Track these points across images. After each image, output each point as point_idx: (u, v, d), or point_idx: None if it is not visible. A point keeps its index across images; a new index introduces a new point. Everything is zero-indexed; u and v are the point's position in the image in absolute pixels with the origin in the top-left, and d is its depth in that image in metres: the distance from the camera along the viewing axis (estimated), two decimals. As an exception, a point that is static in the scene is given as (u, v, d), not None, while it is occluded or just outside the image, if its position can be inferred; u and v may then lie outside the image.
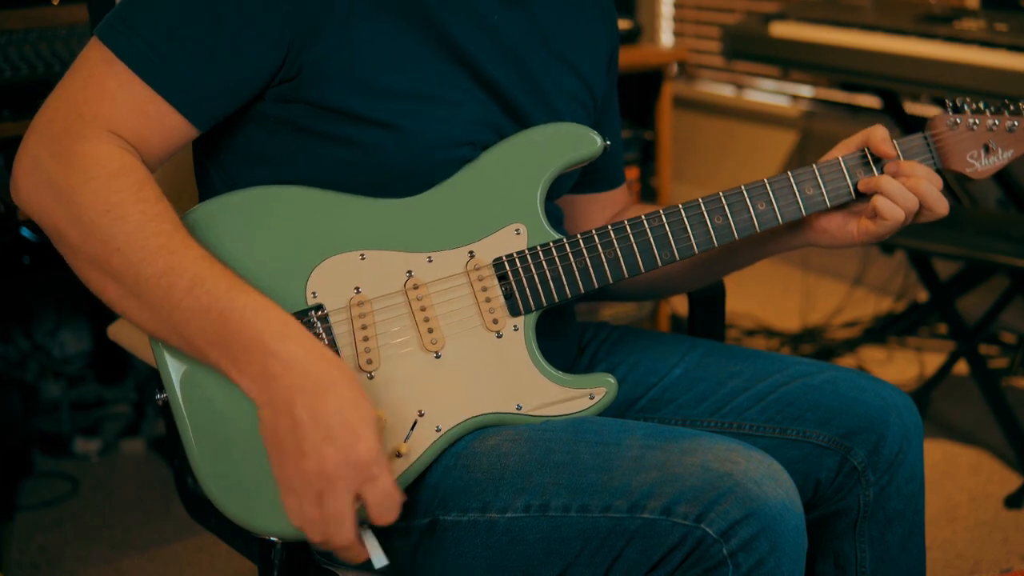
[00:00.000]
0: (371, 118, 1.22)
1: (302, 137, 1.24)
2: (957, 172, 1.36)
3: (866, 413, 1.35)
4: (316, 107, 1.22)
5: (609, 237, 1.28)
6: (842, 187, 1.33)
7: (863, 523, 1.36)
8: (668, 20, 4.31)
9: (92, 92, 1.16)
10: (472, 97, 1.28)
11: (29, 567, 2.30)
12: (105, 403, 2.90)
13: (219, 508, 1.21)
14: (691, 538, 1.12)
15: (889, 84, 2.79)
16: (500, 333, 1.25)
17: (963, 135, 1.35)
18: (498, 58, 1.30)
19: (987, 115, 1.35)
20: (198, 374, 1.20)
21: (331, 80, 1.21)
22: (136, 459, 2.73)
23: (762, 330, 3.39)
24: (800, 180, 1.32)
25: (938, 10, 2.91)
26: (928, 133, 1.35)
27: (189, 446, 1.20)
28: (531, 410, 1.26)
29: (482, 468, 1.22)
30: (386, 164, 1.24)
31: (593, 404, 1.27)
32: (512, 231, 1.27)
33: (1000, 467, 2.61)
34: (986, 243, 2.51)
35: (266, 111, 1.24)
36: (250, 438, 1.20)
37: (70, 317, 2.93)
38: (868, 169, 1.33)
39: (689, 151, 4.27)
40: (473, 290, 1.25)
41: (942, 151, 1.35)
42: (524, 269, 1.26)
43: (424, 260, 1.25)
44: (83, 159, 1.14)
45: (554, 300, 1.27)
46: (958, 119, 1.35)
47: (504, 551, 1.20)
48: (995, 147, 1.35)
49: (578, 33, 1.40)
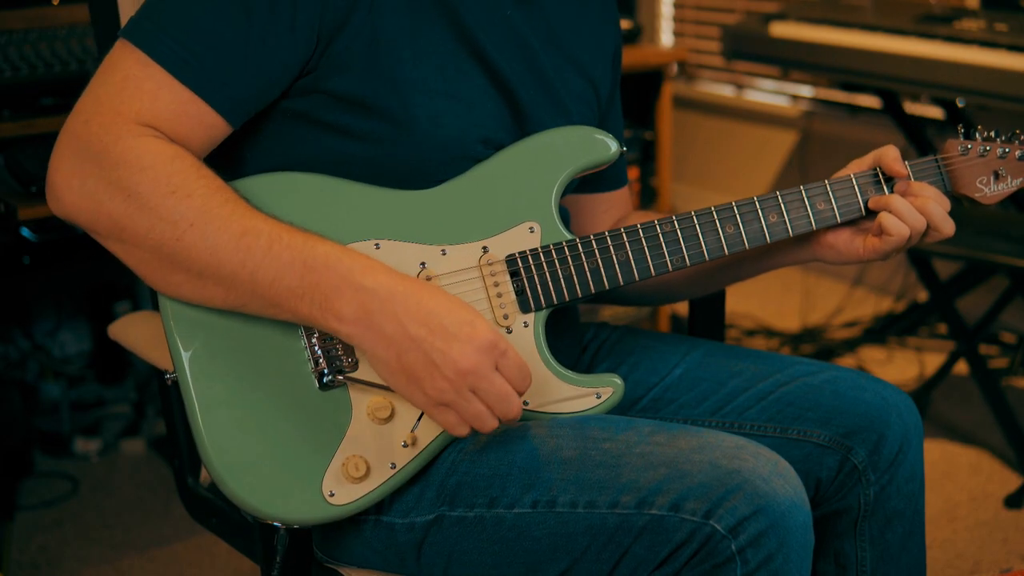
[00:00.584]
0: (387, 111, 1.23)
1: (317, 130, 1.24)
2: (967, 196, 1.39)
3: (866, 413, 1.35)
4: (334, 97, 1.23)
5: (621, 239, 1.28)
6: (853, 203, 1.34)
7: (863, 522, 1.37)
8: (668, 20, 4.31)
9: (130, 93, 1.16)
10: (484, 93, 1.29)
11: (29, 567, 2.30)
12: (105, 403, 2.90)
13: (224, 492, 1.20)
14: (699, 534, 1.12)
15: (889, 84, 2.79)
16: (510, 328, 1.26)
17: (974, 161, 1.37)
18: (511, 53, 1.31)
19: (998, 143, 1.38)
20: (209, 353, 1.20)
21: (352, 70, 1.22)
22: (136, 459, 2.73)
23: (762, 330, 3.39)
24: (812, 195, 1.33)
25: (938, 10, 2.91)
26: (940, 157, 1.38)
27: (196, 427, 1.20)
28: (537, 406, 1.26)
29: (489, 464, 1.22)
30: (398, 159, 1.25)
31: (600, 403, 1.27)
32: (526, 229, 1.28)
33: (1000, 467, 2.61)
34: (986, 243, 2.51)
35: (285, 104, 1.25)
36: (259, 420, 1.20)
37: (70, 317, 2.93)
38: (879, 187, 1.36)
39: (689, 151, 4.27)
40: (485, 284, 1.26)
41: (953, 175, 1.37)
42: (536, 267, 1.27)
43: (438, 252, 1.25)
44: (132, 151, 1.14)
45: (565, 299, 1.27)
46: (969, 145, 1.38)
47: (510, 547, 1.20)
48: (1005, 174, 1.38)
49: (585, 33, 1.41)
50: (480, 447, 1.23)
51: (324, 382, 1.20)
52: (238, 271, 1.14)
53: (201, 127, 1.19)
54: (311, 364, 1.21)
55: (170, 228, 1.13)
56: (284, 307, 1.15)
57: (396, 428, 1.21)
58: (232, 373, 1.20)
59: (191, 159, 1.16)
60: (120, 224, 1.14)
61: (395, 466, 1.21)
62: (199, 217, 1.13)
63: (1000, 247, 2.48)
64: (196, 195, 1.13)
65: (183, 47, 1.17)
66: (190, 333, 1.20)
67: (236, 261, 1.13)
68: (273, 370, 1.21)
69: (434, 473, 1.24)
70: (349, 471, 1.20)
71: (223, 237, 1.13)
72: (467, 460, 1.23)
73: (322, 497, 1.20)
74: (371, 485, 1.21)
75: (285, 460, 1.20)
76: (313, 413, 1.21)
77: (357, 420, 1.20)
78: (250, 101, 1.22)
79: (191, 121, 1.18)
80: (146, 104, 1.16)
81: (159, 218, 1.13)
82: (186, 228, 1.13)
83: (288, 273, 1.13)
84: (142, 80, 1.16)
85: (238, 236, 1.13)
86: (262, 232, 1.13)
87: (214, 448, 1.19)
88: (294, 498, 1.20)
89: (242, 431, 1.20)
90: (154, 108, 1.16)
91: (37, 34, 2.25)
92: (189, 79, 1.17)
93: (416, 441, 1.22)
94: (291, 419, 1.21)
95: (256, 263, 1.13)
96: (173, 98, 1.17)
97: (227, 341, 1.21)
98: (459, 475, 1.23)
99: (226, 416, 1.20)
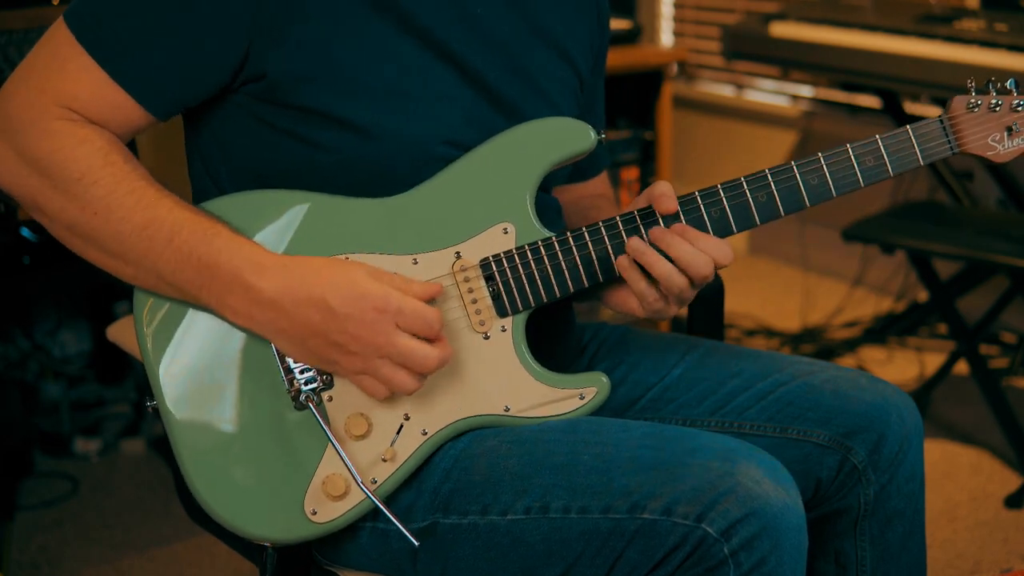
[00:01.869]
0: (349, 119, 1.22)
1: (283, 138, 1.24)
2: (977, 156, 1.29)
3: (866, 412, 1.35)
4: (294, 109, 1.22)
5: (600, 234, 1.25)
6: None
7: (864, 522, 1.36)
8: (668, 20, 4.31)
9: (55, 71, 1.19)
10: (458, 93, 1.27)
11: (29, 567, 2.30)
12: (105, 403, 2.90)
13: (211, 515, 1.21)
14: (692, 538, 1.12)
15: (889, 84, 2.79)
16: (487, 335, 1.24)
17: (983, 117, 1.28)
18: (483, 50, 1.28)
19: (1013, 95, 1.29)
20: (187, 379, 1.21)
21: (306, 81, 1.21)
22: (136, 459, 2.73)
23: (762, 330, 3.39)
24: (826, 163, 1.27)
25: (938, 10, 2.91)
26: (945, 116, 1.29)
27: (178, 453, 1.21)
28: (520, 412, 1.25)
29: (481, 471, 1.22)
30: (365, 165, 1.24)
31: (583, 404, 1.25)
32: (500, 230, 1.24)
33: (1000, 467, 2.61)
34: (986, 243, 2.51)
35: (247, 110, 1.24)
36: (239, 443, 1.20)
37: (70, 317, 2.93)
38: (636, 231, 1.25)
39: (689, 151, 4.27)
40: (459, 292, 1.23)
41: (960, 135, 1.28)
42: (511, 269, 1.24)
43: (409, 262, 1.23)
44: (46, 133, 1.18)
45: (542, 300, 1.25)
46: (979, 100, 1.28)
47: (504, 553, 1.20)
48: (1020, 128, 1.28)
49: (563, 11, 1.37)
50: (472, 454, 1.23)
51: (300, 401, 1.21)
52: (142, 260, 1.18)
53: (118, 112, 1.21)
54: (286, 385, 1.21)
55: (79, 211, 1.18)
56: (188, 294, 1.19)
57: (374, 444, 1.21)
58: (210, 398, 1.21)
59: (101, 143, 1.19)
60: (36, 199, 1.20)
61: (376, 481, 1.22)
62: (102, 206, 1.17)
63: (1000, 247, 2.48)
64: (101, 183, 1.17)
65: (109, 32, 1.19)
66: (167, 360, 1.22)
67: (139, 250, 1.17)
68: (250, 393, 1.22)
69: (427, 480, 1.24)
70: (329, 490, 1.20)
71: (126, 227, 1.17)
72: (460, 467, 1.23)
73: (304, 516, 1.21)
74: (353, 501, 1.21)
75: (266, 481, 1.21)
76: (291, 433, 1.21)
77: (335, 438, 1.19)
78: (174, 95, 1.23)
79: (108, 106, 1.20)
80: (68, 85, 1.19)
81: (69, 200, 1.18)
82: (91, 215, 1.17)
83: (187, 266, 1.17)
84: (67, 60, 1.19)
85: (140, 228, 1.17)
86: (164, 223, 1.17)
87: (197, 473, 1.21)
88: (278, 518, 1.21)
89: (223, 455, 1.20)
90: (74, 89, 1.19)
91: (37, 34, 2.24)
92: (108, 64, 1.19)
93: (395, 456, 1.21)
94: (270, 440, 1.21)
95: (157, 254, 1.17)
96: (91, 81, 1.19)
97: (204, 367, 1.22)
98: (452, 482, 1.23)
99: (207, 441, 1.21)
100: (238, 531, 1.21)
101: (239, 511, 1.21)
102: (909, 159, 1.28)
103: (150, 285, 1.21)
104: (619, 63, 2.79)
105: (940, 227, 2.64)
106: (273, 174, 1.25)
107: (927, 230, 2.58)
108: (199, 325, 1.22)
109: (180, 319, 1.22)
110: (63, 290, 2.88)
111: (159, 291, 1.21)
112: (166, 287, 1.20)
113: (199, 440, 1.20)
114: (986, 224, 2.71)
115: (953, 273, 2.97)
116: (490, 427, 1.25)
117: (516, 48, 1.31)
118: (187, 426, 1.20)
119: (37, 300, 2.88)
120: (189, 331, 1.22)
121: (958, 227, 2.64)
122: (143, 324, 1.23)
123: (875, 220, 2.67)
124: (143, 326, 1.23)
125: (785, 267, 3.95)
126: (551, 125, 1.26)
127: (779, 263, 3.98)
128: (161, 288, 1.20)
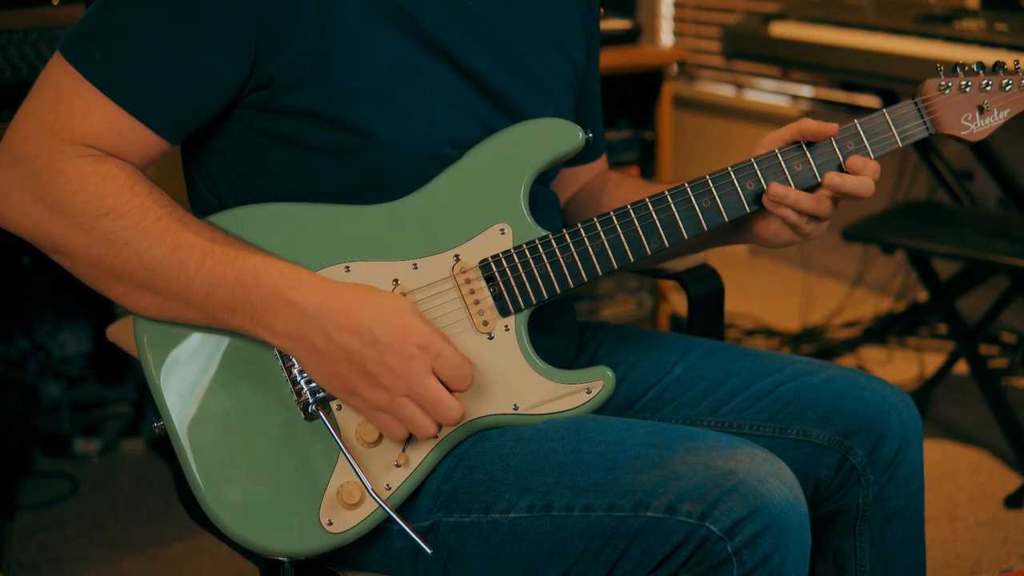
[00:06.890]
0: (346, 123, 1.22)
1: (282, 146, 1.24)
2: (953, 136, 1.33)
3: (866, 412, 1.35)
4: (292, 114, 1.22)
5: (596, 230, 1.26)
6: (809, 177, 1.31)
7: (863, 522, 1.36)
8: (668, 20, 4.31)
9: (63, 110, 1.17)
10: (455, 92, 1.27)
11: (29, 567, 2.30)
12: (105, 403, 2.90)
13: (226, 532, 1.21)
14: (695, 536, 1.12)
15: (889, 84, 2.79)
16: (491, 335, 1.25)
17: (955, 98, 1.32)
18: (477, 47, 1.28)
19: (980, 75, 1.33)
20: (194, 397, 1.21)
21: (305, 85, 1.21)
22: (136, 459, 2.73)
23: (762, 330, 3.39)
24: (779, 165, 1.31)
25: (938, 10, 2.91)
26: (919, 99, 1.33)
27: (190, 473, 1.20)
28: (528, 409, 1.25)
29: (484, 469, 1.22)
30: (367, 168, 1.24)
31: (591, 398, 1.26)
32: (497, 231, 1.26)
33: (1000, 467, 2.61)
34: (986, 243, 2.51)
35: (245, 120, 1.24)
36: (252, 459, 1.20)
37: (70, 317, 2.93)
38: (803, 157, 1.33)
39: (689, 151, 4.27)
40: (461, 294, 1.24)
41: (935, 116, 1.32)
42: (511, 268, 1.25)
43: (410, 267, 1.24)
44: (64, 174, 1.16)
45: (543, 297, 1.26)
46: (950, 82, 1.32)
47: (507, 551, 1.20)
48: (990, 107, 1.33)
49: (554, 2, 1.37)
50: (476, 453, 1.23)
51: (309, 411, 1.20)
52: (172, 285, 1.17)
53: (136, 143, 1.19)
54: (294, 396, 1.21)
55: (106, 247, 1.16)
56: (218, 319, 1.18)
57: (386, 450, 1.21)
58: (219, 415, 1.20)
59: (124, 177, 1.17)
60: (59, 242, 1.18)
61: (390, 487, 1.21)
62: (133, 236, 1.16)
63: (1000, 247, 2.48)
64: (129, 215, 1.16)
65: (113, 64, 1.17)
66: (173, 380, 1.21)
67: (171, 276, 1.16)
68: (259, 406, 1.21)
69: (430, 479, 1.24)
70: (344, 498, 1.20)
71: (157, 252, 1.16)
72: (463, 466, 1.23)
73: (321, 527, 1.20)
74: (368, 509, 1.21)
75: (280, 495, 1.21)
76: (302, 444, 1.21)
77: (346, 446, 1.19)
78: (185, 117, 1.21)
79: (124, 138, 1.19)
80: (79, 122, 1.17)
81: (95, 238, 1.16)
82: (121, 247, 1.16)
83: (220, 287, 1.16)
84: (74, 97, 1.17)
85: (171, 251, 1.16)
86: (195, 246, 1.16)
87: (210, 492, 1.20)
88: (294, 531, 1.21)
89: (235, 471, 1.20)
90: (86, 126, 1.17)
91: (37, 34, 2.24)
92: (119, 97, 1.17)
93: (408, 460, 1.21)
94: (281, 453, 1.21)
95: (190, 277, 1.16)
96: (105, 115, 1.17)
97: (211, 383, 1.21)
98: (455, 481, 1.23)
99: (218, 459, 1.20)
100: (257, 548, 1.21)
101: (257, 528, 1.20)
102: (888, 141, 1.32)
103: (174, 315, 1.19)
104: (619, 63, 2.79)
105: (940, 227, 2.64)
106: (276, 184, 1.25)
107: (927, 230, 2.58)
108: (203, 345, 1.22)
109: (182, 340, 1.22)
110: (63, 290, 2.89)
111: (182, 319, 1.20)
112: (194, 312, 1.18)
113: (211, 460, 1.20)
114: (986, 224, 2.71)
115: (953, 273, 2.97)
116: (495, 427, 1.25)
117: (510, 41, 1.31)
118: (198, 447, 1.20)
119: (37, 300, 2.88)
120: (194, 352, 1.22)
121: (958, 227, 2.65)
122: (146, 350, 1.23)
123: (875, 220, 2.68)
124: (146, 352, 1.23)
125: (785, 267, 3.96)
126: (539, 126, 1.29)
127: (779, 263, 3.98)
128: (187, 315, 1.19)
